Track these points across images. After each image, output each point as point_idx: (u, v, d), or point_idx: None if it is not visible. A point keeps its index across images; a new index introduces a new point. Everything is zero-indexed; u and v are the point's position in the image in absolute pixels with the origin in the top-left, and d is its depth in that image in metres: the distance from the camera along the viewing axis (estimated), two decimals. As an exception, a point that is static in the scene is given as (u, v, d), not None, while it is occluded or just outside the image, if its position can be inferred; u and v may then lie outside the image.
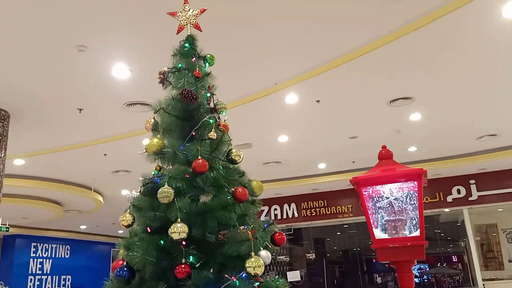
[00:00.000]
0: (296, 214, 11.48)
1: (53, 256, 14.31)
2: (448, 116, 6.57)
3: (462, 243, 11.44)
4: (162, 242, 1.94)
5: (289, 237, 13.16)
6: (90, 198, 9.67)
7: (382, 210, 2.13)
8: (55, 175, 8.52)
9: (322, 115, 6.29)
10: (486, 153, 8.38)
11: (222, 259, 1.98)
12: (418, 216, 2.03)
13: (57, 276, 14.22)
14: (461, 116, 6.57)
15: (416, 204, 2.04)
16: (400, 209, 2.09)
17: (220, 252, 1.97)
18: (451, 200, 9.79)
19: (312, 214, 11.35)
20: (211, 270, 1.93)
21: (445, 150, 8.37)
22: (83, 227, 14.32)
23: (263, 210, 11.47)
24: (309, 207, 11.40)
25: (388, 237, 2.07)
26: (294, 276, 10.84)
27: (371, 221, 2.13)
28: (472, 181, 9.65)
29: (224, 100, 2.46)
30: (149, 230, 2.04)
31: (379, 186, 2.11)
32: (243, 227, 2.03)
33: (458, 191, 9.76)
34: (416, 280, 19.21)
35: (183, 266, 1.85)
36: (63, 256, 14.72)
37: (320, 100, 5.69)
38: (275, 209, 11.42)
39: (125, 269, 1.92)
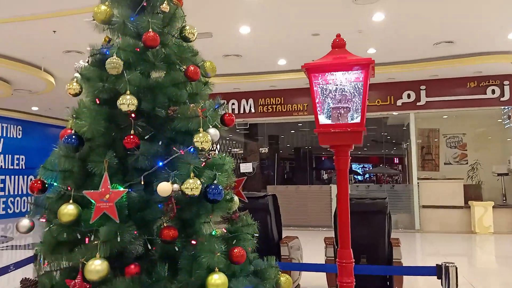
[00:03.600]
0: (253, 110, 11.67)
1: (4, 135, 14.04)
2: (409, 19, 6.58)
3: (404, 145, 12.27)
4: (110, 113, 1.96)
5: (245, 132, 13.55)
6: (40, 78, 9.27)
7: (328, 97, 2.21)
8: (2, 50, 8.00)
9: (286, 8, 6.12)
10: (440, 60, 8.64)
11: (171, 133, 2.04)
12: (361, 104, 2.13)
13: (10, 155, 14.13)
14: (421, 20, 6.59)
15: (361, 93, 2.13)
16: (345, 97, 2.18)
17: (169, 127, 2.03)
18: (400, 104, 10.24)
19: (269, 111, 11.59)
20: (160, 143, 2.00)
21: (402, 54, 8.52)
22: (34, 108, 13.93)
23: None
24: (266, 103, 11.58)
25: (331, 122, 2.19)
26: (246, 167, 11.40)
27: (317, 107, 2.22)
28: (422, 87, 10.05)
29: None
30: (97, 102, 2.04)
31: (328, 73, 2.17)
32: (193, 104, 2.07)
33: (408, 96, 10.18)
34: (359, 177, 20.74)
35: (132, 136, 1.90)
36: (15, 136, 14.49)
37: (285, -10, 5.49)
38: (233, 104, 11.54)
39: (73, 137, 1.95)
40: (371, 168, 21.39)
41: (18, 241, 9.99)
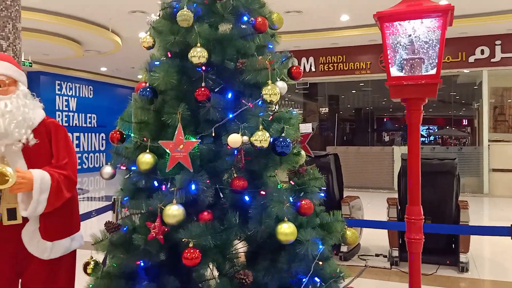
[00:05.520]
0: (313, 69, 11.45)
1: (77, 95, 14.94)
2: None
3: (475, 106, 11.54)
4: (182, 66, 2.01)
5: (304, 92, 13.37)
6: (108, 39, 9.65)
7: (401, 48, 2.10)
8: (72, 11, 8.37)
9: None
10: (521, 12, 7.89)
11: (240, 86, 2.05)
12: (437, 54, 2.01)
13: (83, 114, 15.08)
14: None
15: (437, 43, 2.01)
16: (420, 47, 2.06)
17: (238, 79, 2.04)
18: (472, 61, 9.56)
19: (330, 69, 11.31)
20: (229, 95, 2.02)
21: (476, 6, 7.86)
22: (103, 69, 14.61)
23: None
24: (327, 61, 11.29)
25: (403, 75, 2.10)
26: (306, 127, 11.32)
27: (389, 59, 2.13)
28: (498, 42, 9.27)
29: None
30: (169, 55, 2.09)
31: (402, 22, 2.05)
32: (261, 57, 2.06)
33: (482, 52, 9.45)
34: (424, 139, 19.94)
35: (203, 89, 1.94)
36: (87, 96, 15.37)
37: None
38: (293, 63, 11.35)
39: (148, 89, 2.02)
40: (436, 130, 20.48)
41: (93, 193, 10.80)
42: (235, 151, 1.92)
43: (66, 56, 11.33)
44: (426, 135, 20.39)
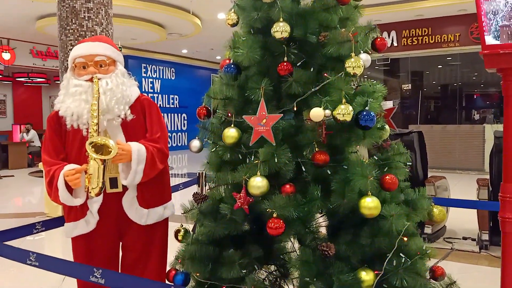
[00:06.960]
0: (395, 43, 10.92)
1: (161, 77, 15.74)
2: None
3: None
4: (264, 41, 2.03)
5: (385, 68, 12.82)
6: (189, 21, 9.99)
7: (498, 15, 1.95)
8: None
9: None
10: None
11: (322, 60, 2.03)
12: (541, 18, 1.83)
13: (166, 95, 15.88)
14: None
15: (542, 6, 1.83)
16: (520, 12, 1.89)
17: (320, 53, 2.02)
18: None
19: (413, 43, 10.71)
20: (312, 69, 2.02)
21: None
22: (184, 51, 15.18)
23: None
24: (411, 35, 10.70)
25: (499, 43, 1.94)
26: (386, 105, 10.90)
27: (484, 26, 1.98)
28: None
29: None
30: (252, 32, 2.13)
31: (500, -15, 1.89)
32: (344, 29, 2.02)
33: None
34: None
35: (285, 64, 1.96)
36: (169, 78, 16.13)
37: None
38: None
39: (232, 66, 2.09)
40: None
41: (176, 170, 11.42)
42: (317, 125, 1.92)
43: (151, 40, 11.94)
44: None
